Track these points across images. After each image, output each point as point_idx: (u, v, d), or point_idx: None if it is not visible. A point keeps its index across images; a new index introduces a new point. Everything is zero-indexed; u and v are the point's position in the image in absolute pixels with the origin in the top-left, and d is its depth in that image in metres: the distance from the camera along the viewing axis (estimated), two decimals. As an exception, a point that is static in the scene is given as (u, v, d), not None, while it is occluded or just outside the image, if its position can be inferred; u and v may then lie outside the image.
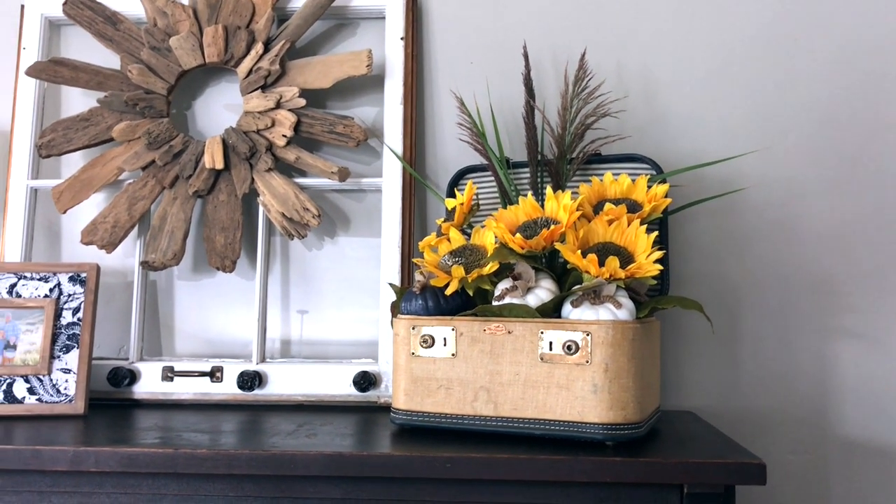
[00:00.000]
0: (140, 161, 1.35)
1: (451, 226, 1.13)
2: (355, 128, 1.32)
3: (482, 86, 1.35)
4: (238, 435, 1.09)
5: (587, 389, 0.98)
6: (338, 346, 1.39)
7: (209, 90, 1.44)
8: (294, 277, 1.42)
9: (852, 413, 1.29)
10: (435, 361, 1.04)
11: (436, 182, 1.38)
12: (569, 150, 1.20)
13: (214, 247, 1.34)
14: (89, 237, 1.34)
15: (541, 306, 1.01)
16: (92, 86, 1.38)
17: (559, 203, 1.06)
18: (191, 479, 0.97)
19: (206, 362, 1.32)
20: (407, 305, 1.08)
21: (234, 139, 1.34)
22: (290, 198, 1.31)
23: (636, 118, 1.33)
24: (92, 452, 0.96)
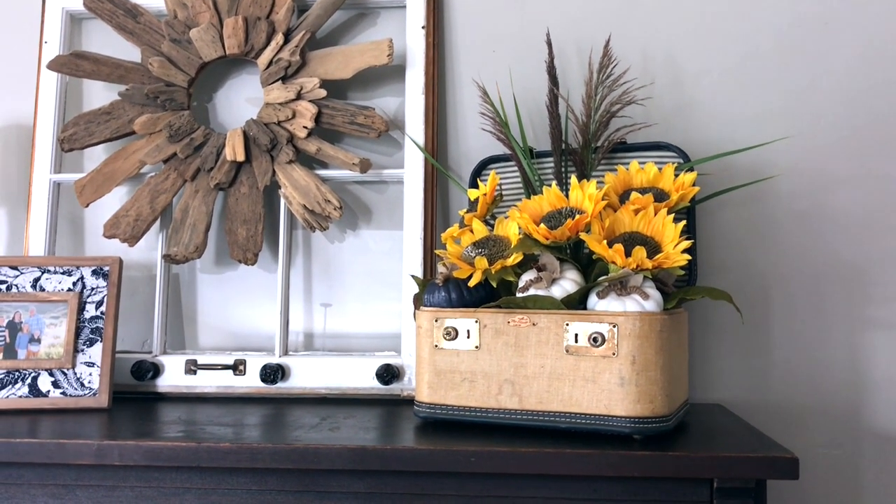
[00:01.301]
0: (161, 154, 1.35)
1: (474, 216, 1.11)
2: (376, 118, 1.31)
3: (504, 75, 1.34)
4: (261, 428, 1.09)
5: (614, 382, 0.96)
6: (361, 339, 1.38)
7: (230, 82, 1.43)
8: (316, 270, 1.41)
9: (886, 406, 1.26)
10: (458, 354, 1.02)
11: (458, 173, 1.37)
12: (593, 139, 1.18)
13: (236, 239, 1.33)
14: (112, 231, 1.34)
15: (566, 298, 1.00)
16: (113, 79, 1.38)
17: (584, 192, 1.04)
18: (214, 473, 0.97)
19: (229, 355, 1.31)
20: (430, 297, 1.07)
21: (255, 131, 1.33)
22: (311, 190, 1.31)
23: (662, 106, 1.30)
24: (116, 446, 0.96)
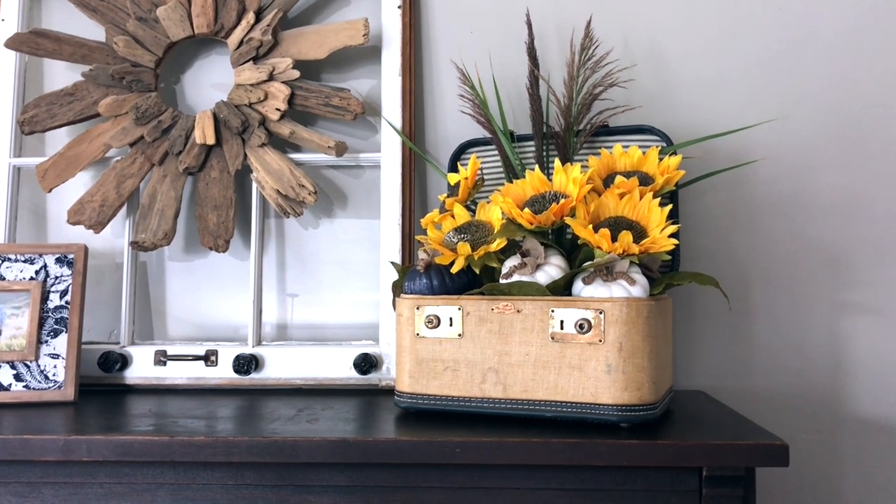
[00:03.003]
0: (128, 137, 1.30)
1: (456, 201, 1.08)
2: (352, 100, 1.27)
3: (483, 56, 1.30)
4: (236, 421, 1.05)
5: (601, 370, 0.94)
6: (337, 328, 1.35)
7: (199, 62, 1.38)
8: (290, 257, 1.37)
9: (865, 391, 1.26)
10: (441, 342, 1.00)
11: (436, 157, 1.34)
12: (576, 122, 1.15)
13: (207, 226, 1.29)
14: (76, 217, 1.29)
15: (551, 284, 0.97)
16: (76, 59, 1.32)
17: (568, 176, 1.02)
18: (188, 468, 0.94)
19: (200, 346, 1.27)
20: (410, 284, 1.04)
21: (226, 113, 1.28)
22: (284, 174, 1.27)
23: (644, 89, 1.28)
24: (84, 441, 0.92)
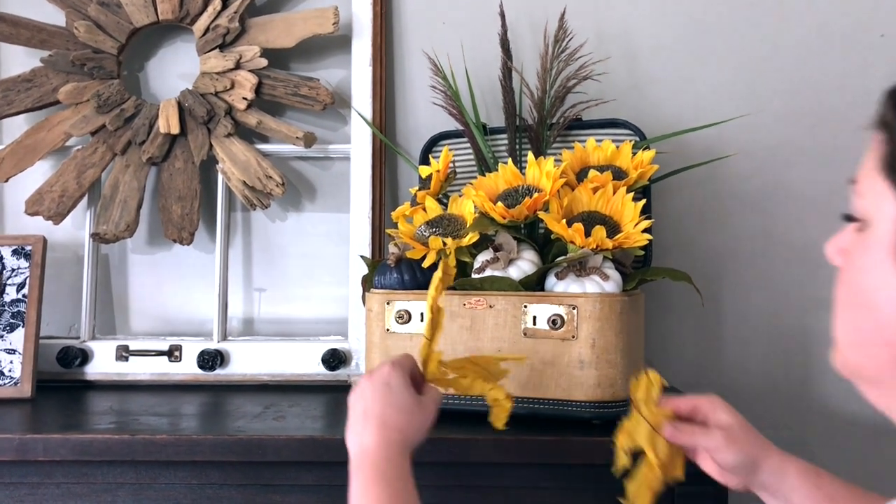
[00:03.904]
0: (89, 126, 1.26)
1: (428, 194, 1.06)
2: (321, 90, 1.24)
3: (456, 47, 1.28)
4: (200, 418, 1.03)
5: (573, 366, 0.93)
6: (304, 324, 1.32)
7: (163, 50, 1.35)
8: (257, 251, 1.35)
9: (836, 386, 1.26)
10: (412, 338, 0.98)
11: (407, 149, 1.32)
12: (549, 115, 1.14)
13: (171, 217, 1.26)
14: (35, 207, 1.25)
15: (524, 279, 0.96)
16: (34, 44, 1.28)
17: (541, 170, 1.01)
18: (150, 467, 0.91)
19: (164, 341, 1.24)
20: (381, 279, 1.02)
21: (191, 102, 1.25)
22: (251, 165, 1.24)
23: (617, 83, 1.27)
24: (40, 440, 0.89)
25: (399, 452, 0.71)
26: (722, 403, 0.78)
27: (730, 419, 0.76)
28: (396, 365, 0.77)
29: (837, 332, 0.52)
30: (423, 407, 0.76)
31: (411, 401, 0.75)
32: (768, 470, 0.75)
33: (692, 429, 0.76)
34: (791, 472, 0.75)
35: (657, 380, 0.79)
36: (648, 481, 0.76)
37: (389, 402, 0.73)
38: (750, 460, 0.75)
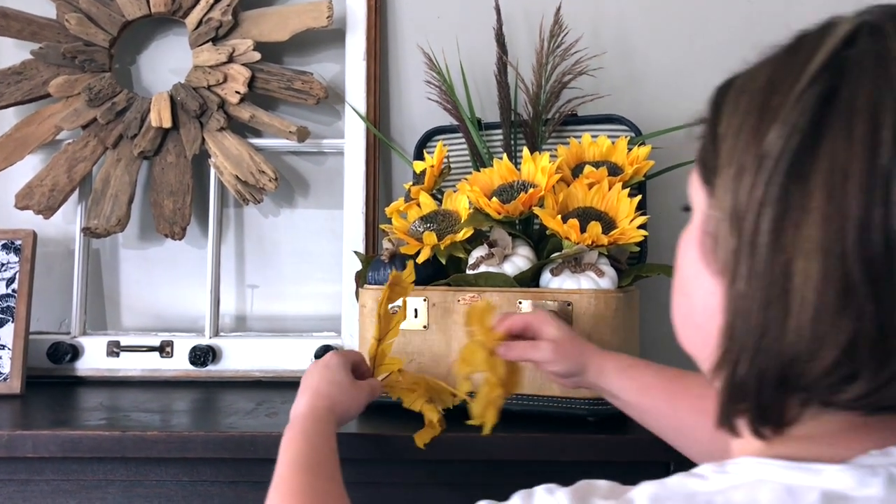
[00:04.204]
0: (80, 119, 1.24)
1: (422, 189, 1.06)
2: (315, 84, 1.24)
3: (451, 42, 1.27)
4: (192, 415, 1.02)
5: (568, 363, 0.92)
6: (297, 320, 1.31)
7: (155, 43, 1.33)
8: (249, 246, 1.34)
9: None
10: (405, 334, 0.97)
11: (401, 144, 1.31)
12: (544, 111, 1.13)
13: (162, 212, 1.25)
14: (25, 201, 1.24)
15: (518, 275, 0.95)
16: (25, 36, 1.26)
17: (537, 165, 1.00)
18: (140, 464, 0.90)
19: (155, 336, 1.23)
20: (375, 275, 1.01)
21: (183, 96, 1.24)
22: (244, 159, 1.23)
23: (613, 78, 1.26)
24: (29, 436, 0.88)
25: (325, 418, 0.78)
26: (550, 318, 0.84)
27: (557, 332, 0.83)
28: (340, 353, 0.87)
29: (673, 314, 0.57)
30: (356, 387, 0.84)
31: (345, 379, 0.83)
32: (592, 371, 0.82)
33: (523, 345, 0.82)
34: (609, 369, 0.82)
35: (490, 306, 0.84)
36: (491, 399, 0.80)
37: (324, 376, 0.83)
38: (577, 367, 0.82)
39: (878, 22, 0.46)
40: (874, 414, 0.46)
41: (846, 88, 0.44)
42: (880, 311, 0.42)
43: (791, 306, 0.43)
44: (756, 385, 0.46)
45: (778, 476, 0.46)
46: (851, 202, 0.42)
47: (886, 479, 0.44)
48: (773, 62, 0.48)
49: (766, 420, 0.47)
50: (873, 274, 0.42)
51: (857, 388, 0.43)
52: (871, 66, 0.44)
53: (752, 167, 0.45)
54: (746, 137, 0.46)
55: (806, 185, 0.43)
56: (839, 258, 0.42)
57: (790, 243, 0.43)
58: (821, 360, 0.43)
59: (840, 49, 0.45)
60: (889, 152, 0.42)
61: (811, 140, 0.43)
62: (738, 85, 0.50)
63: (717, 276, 0.48)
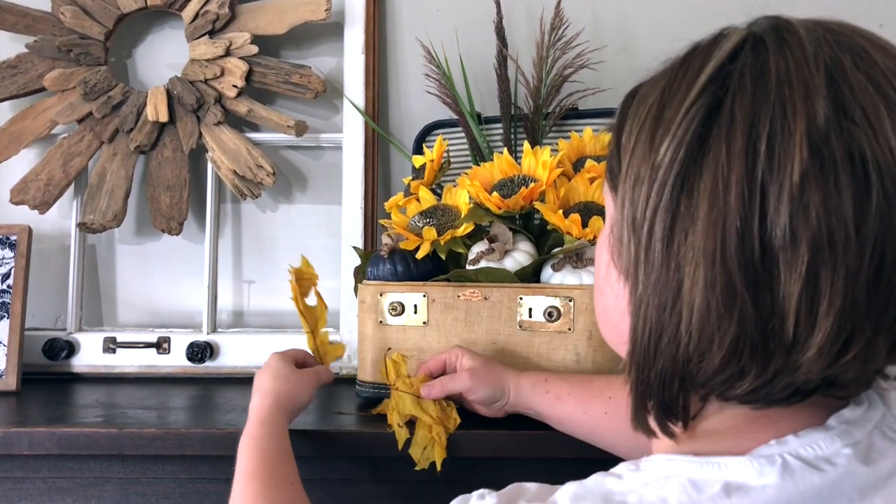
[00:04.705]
0: (75, 113, 1.23)
1: (421, 184, 1.05)
2: (313, 78, 1.22)
3: (450, 35, 1.26)
4: (189, 411, 1.01)
5: (569, 359, 0.91)
6: (295, 315, 1.29)
7: (151, 36, 1.32)
8: (246, 241, 1.33)
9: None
10: (405, 330, 0.96)
11: (400, 139, 1.30)
12: (545, 104, 1.13)
13: (159, 207, 1.23)
14: (20, 196, 1.23)
15: (519, 270, 0.94)
16: (19, 29, 1.25)
17: (538, 159, 0.99)
18: (137, 461, 0.89)
19: (152, 332, 1.22)
20: (374, 270, 1.00)
21: (180, 89, 1.23)
22: (241, 154, 1.21)
23: (614, 71, 1.25)
24: (25, 433, 0.87)
25: (271, 418, 0.79)
26: (464, 351, 0.88)
27: (472, 361, 0.86)
28: (280, 352, 0.91)
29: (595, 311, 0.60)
30: (299, 374, 0.87)
31: (286, 370, 0.86)
32: (511, 392, 0.85)
33: (441, 380, 0.86)
34: (524, 387, 0.85)
35: (400, 357, 0.89)
36: (431, 440, 0.83)
37: (266, 374, 0.85)
38: (497, 390, 0.85)
39: (763, 34, 0.48)
40: (769, 407, 0.48)
41: (728, 102, 0.45)
42: (760, 315, 0.44)
43: (682, 310, 0.46)
44: (658, 384, 0.49)
45: (684, 471, 0.48)
46: (731, 212, 0.44)
47: (781, 467, 0.47)
48: (669, 73, 0.50)
49: (671, 416, 0.50)
50: (753, 280, 0.44)
51: (746, 385, 0.46)
52: (751, 79, 0.46)
53: (647, 177, 0.47)
54: (643, 148, 0.48)
55: (692, 195, 0.45)
56: (722, 265, 0.44)
57: (680, 251, 0.46)
58: (710, 360, 0.46)
59: (726, 62, 0.47)
60: (764, 164, 0.44)
61: (697, 152, 0.46)
62: (639, 95, 0.52)
63: (623, 278, 0.51)
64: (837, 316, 0.43)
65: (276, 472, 0.74)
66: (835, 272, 0.43)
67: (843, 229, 0.43)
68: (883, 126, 0.44)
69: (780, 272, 0.43)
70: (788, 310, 0.44)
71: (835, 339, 0.44)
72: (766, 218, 0.43)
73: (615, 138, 0.53)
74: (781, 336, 0.44)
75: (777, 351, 0.45)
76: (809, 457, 0.47)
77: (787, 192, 0.43)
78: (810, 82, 0.45)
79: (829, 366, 0.45)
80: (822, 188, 0.43)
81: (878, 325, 0.44)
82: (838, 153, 0.43)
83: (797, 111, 0.44)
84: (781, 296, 0.44)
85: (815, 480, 0.46)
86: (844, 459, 0.47)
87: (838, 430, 0.49)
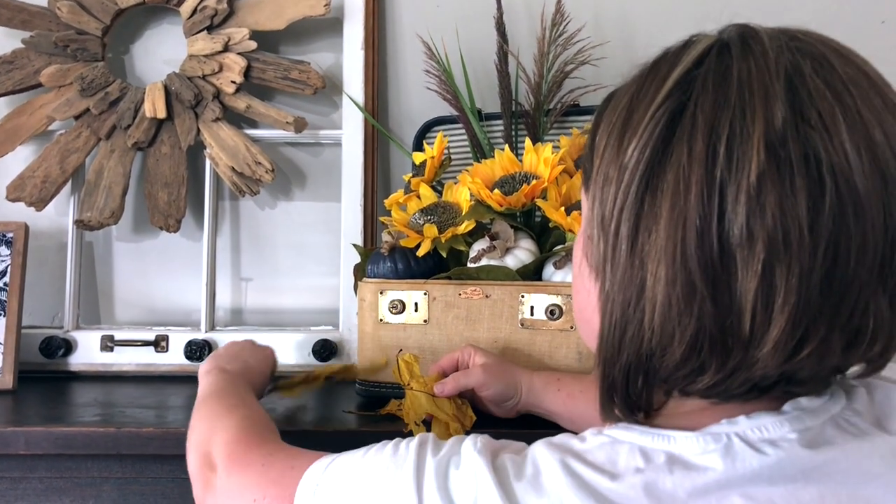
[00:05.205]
0: (72, 109, 1.22)
1: (422, 181, 1.04)
2: (312, 74, 1.21)
3: (450, 31, 1.25)
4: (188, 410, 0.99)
5: (571, 357, 0.91)
6: (293, 314, 1.29)
7: (149, 32, 1.31)
8: (245, 239, 1.32)
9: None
10: (405, 328, 0.96)
11: (400, 135, 1.29)
12: (546, 101, 1.12)
13: (157, 204, 1.22)
14: (16, 193, 1.22)
15: (521, 268, 0.94)
16: (15, 24, 1.24)
17: (539, 156, 0.98)
18: (136, 461, 0.88)
19: (150, 331, 1.21)
20: (374, 268, 0.99)
21: (178, 85, 1.22)
22: (240, 150, 1.20)
23: (616, 67, 1.24)
24: (22, 433, 0.86)
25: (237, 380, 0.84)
26: (476, 349, 0.88)
27: (485, 358, 0.86)
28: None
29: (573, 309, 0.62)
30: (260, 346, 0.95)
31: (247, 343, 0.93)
32: (524, 390, 0.85)
33: (454, 376, 0.86)
34: (537, 385, 0.85)
35: (412, 357, 0.89)
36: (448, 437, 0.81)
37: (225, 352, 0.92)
38: (509, 388, 0.85)
39: (729, 41, 0.49)
40: (728, 402, 0.50)
41: (691, 106, 0.47)
42: (719, 311, 0.46)
43: (646, 306, 0.47)
44: (623, 379, 0.51)
45: (637, 440, 0.50)
46: (691, 211, 0.45)
47: (724, 447, 0.48)
48: (638, 79, 0.52)
49: (635, 408, 0.52)
50: (712, 277, 0.45)
51: (706, 379, 0.48)
52: (713, 84, 0.47)
53: (615, 178, 0.49)
54: (612, 150, 0.50)
55: (656, 195, 0.47)
56: (682, 262, 0.45)
57: (644, 248, 0.47)
58: (671, 355, 0.48)
59: (692, 68, 0.49)
60: (723, 165, 0.45)
61: (661, 154, 0.47)
62: (613, 99, 0.53)
63: (594, 276, 0.53)
64: (792, 312, 0.44)
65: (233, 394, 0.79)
66: (789, 270, 0.44)
67: (798, 228, 0.44)
68: (838, 130, 0.45)
69: (737, 269, 0.45)
70: (745, 306, 0.45)
71: (790, 335, 0.45)
72: (725, 217, 0.45)
73: (590, 140, 0.55)
74: (739, 332, 0.45)
75: (735, 346, 0.46)
76: (754, 439, 0.48)
77: (744, 192, 0.44)
78: (770, 87, 0.46)
79: (785, 361, 0.46)
80: (777, 189, 0.44)
81: (832, 323, 0.46)
82: (794, 155, 0.44)
83: (756, 114, 0.45)
84: (739, 292, 0.45)
85: (753, 463, 0.47)
86: (788, 444, 0.48)
87: (790, 416, 0.50)
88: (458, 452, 0.53)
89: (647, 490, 0.47)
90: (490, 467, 0.51)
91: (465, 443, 0.54)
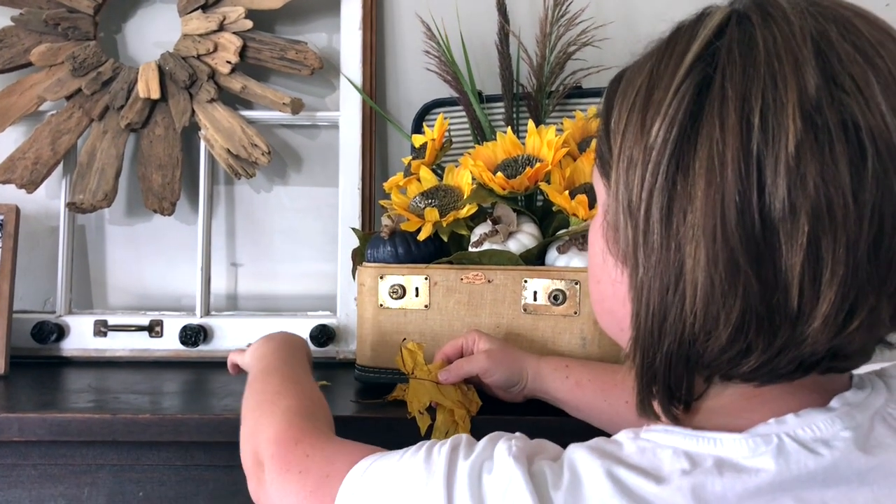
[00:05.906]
0: (64, 89, 1.19)
1: (422, 164, 1.02)
2: (309, 54, 1.19)
3: (450, 11, 1.23)
4: (184, 396, 0.99)
5: (575, 343, 0.90)
6: (290, 299, 1.28)
7: (143, 10, 1.28)
8: (240, 222, 1.30)
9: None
10: (406, 314, 0.94)
11: (398, 118, 1.27)
12: (548, 83, 1.10)
13: (151, 186, 1.20)
14: (6, 175, 1.19)
15: (524, 253, 0.92)
16: (4, 2, 1.21)
17: (542, 139, 0.97)
18: (132, 448, 0.87)
19: (144, 315, 1.19)
20: (374, 252, 0.97)
21: (172, 65, 1.19)
22: (236, 132, 1.18)
23: (619, 49, 1.22)
24: (15, 419, 0.85)
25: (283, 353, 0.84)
26: (481, 334, 0.87)
27: (489, 344, 0.85)
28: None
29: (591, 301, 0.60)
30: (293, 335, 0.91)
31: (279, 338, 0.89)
32: (530, 376, 0.84)
33: (458, 363, 0.85)
34: (544, 371, 0.84)
35: (416, 346, 0.88)
36: (453, 423, 0.83)
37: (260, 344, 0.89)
38: (514, 373, 0.84)
39: (746, 10, 0.48)
40: (771, 383, 0.48)
41: (718, 78, 0.45)
42: (765, 289, 0.44)
43: (686, 290, 0.46)
44: (664, 367, 0.48)
45: (680, 443, 0.48)
46: (729, 187, 0.44)
47: (776, 448, 0.46)
48: (655, 55, 0.50)
49: (675, 399, 0.50)
50: (755, 254, 0.44)
51: (752, 361, 0.46)
52: (739, 54, 0.46)
53: (640, 160, 0.47)
54: (634, 132, 0.48)
55: (688, 174, 0.45)
56: (723, 241, 0.44)
57: (679, 230, 0.46)
58: (717, 338, 0.46)
59: (712, 39, 0.47)
60: (759, 137, 0.44)
61: (690, 130, 0.46)
62: (626, 79, 0.52)
63: (621, 264, 0.51)
64: (841, 284, 0.43)
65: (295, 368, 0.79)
66: (835, 241, 0.43)
67: (842, 197, 0.43)
68: (874, 94, 0.44)
69: (781, 244, 0.43)
70: (792, 281, 0.43)
71: (839, 308, 0.44)
72: (765, 191, 0.43)
73: (603, 124, 0.53)
74: (786, 308, 0.44)
75: (783, 324, 0.45)
76: (806, 438, 0.47)
77: (783, 164, 0.43)
78: (798, 54, 0.45)
79: (835, 336, 0.44)
80: (817, 158, 0.43)
81: (881, 292, 0.44)
82: (832, 122, 0.43)
83: (788, 82, 0.44)
84: (784, 268, 0.44)
85: (809, 464, 0.46)
86: (842, 443, 0.47)
87: (839, 412, 0.48)
88: (492, 457, 0.51)
89: (694, 493, 0.45)
90: (525, 474, 0.48)
91: (499, 447, 0.51)
